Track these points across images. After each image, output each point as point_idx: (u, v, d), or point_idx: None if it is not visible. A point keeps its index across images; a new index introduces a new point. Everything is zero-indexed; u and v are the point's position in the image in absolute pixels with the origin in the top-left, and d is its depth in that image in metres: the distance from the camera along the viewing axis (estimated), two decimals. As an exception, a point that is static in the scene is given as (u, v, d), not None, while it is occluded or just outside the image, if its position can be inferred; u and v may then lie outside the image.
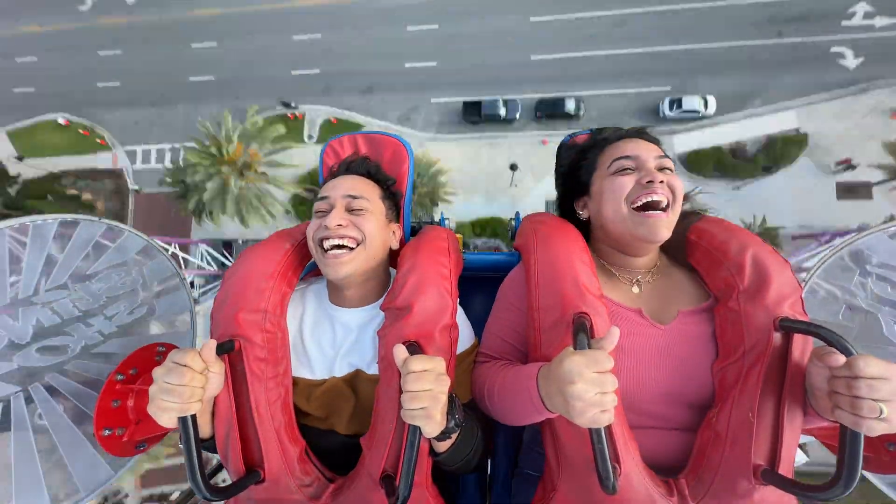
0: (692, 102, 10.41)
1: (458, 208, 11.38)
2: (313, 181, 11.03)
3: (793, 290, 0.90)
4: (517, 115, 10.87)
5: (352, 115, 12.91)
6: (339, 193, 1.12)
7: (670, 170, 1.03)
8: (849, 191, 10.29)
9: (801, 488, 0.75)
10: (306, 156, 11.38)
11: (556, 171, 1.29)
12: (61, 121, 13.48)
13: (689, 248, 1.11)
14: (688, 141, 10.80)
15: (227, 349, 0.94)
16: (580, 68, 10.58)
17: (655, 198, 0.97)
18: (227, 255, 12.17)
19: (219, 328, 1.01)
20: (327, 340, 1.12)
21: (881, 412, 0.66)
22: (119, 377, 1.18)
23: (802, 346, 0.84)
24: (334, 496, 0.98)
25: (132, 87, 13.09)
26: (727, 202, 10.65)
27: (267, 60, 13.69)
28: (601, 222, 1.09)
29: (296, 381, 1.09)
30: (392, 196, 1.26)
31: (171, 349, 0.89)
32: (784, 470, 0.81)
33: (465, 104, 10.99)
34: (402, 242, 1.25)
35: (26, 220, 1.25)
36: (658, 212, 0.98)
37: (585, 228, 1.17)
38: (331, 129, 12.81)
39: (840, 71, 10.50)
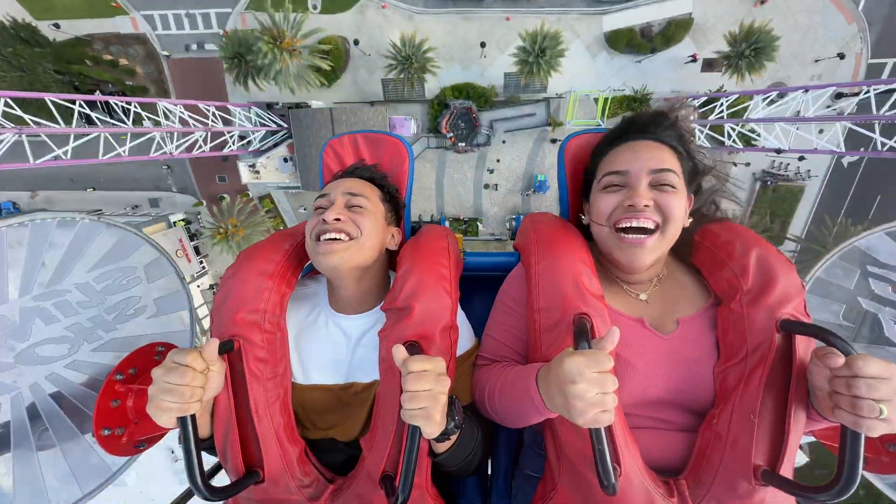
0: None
1: (440, 76, 13.67)
2: (322, 46, 13.17)
3: (797, 291, 0.90)
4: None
5: (350, -11, 13.46)
6: (340, 191, 1.13)
7: (670, 185, 0.94)
8: (709, 65, 13.73)
9: (802, 489, 0.74)
10: (313, 25, 13.11)
11: (559, 175, 1.27)
12: None
13: (692, 247, 1.10)
14: (614, 21, 13.32)
15: (227, 349, 0.94)
16: None
17: (635, 224, 0.93)
18: (270, 114, 14.37)
19: (218, 328, 1.01)
20: (324, 346, 1.12)
21: (881, 412, 0.66)
22: (118, 377, 1.18)
23: (805, 348, 0.84)
24: (334, 497, 0.98)
25: None
26: (629, 73, 13.67)
27: None
28: (594, 235, 1.07)
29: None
30: (393, 200, 1.26)
31: (170, 349, 0.89)
32: (784, 471, 0.81)
33: None
34: (402, 244, 1.25)
35: (25, 219, 1.25)
36: (640, 236, 0.93)
37: (588, 233, 1.16)
38: (332, 1, 13.67)
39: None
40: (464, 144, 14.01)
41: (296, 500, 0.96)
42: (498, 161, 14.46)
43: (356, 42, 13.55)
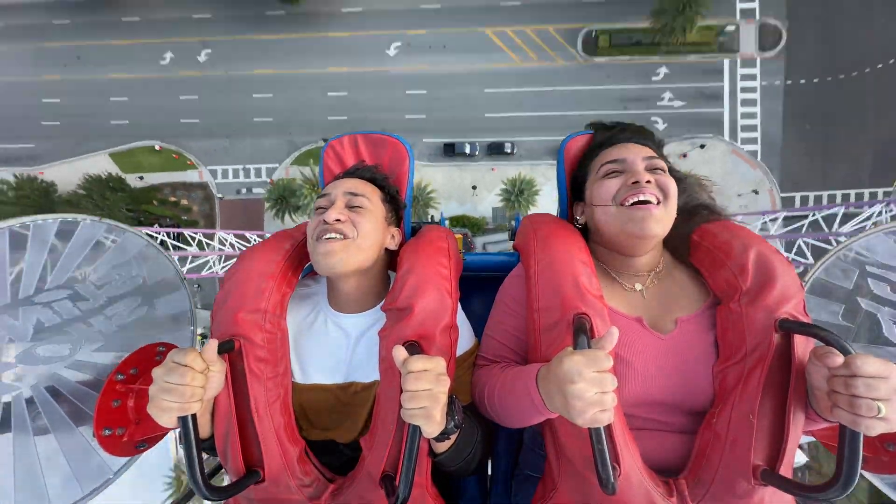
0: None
1: (441, 210, 17.83)
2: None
3: (796, 291, 0.90)
4: (476, 152, 17.75)
5: (371, 148, 19.35)
6: (340, 191, 1.13)
7: (662, 170, 1.02)
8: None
9: (801, 488, 0.75)
10: None
11: (558, 176, 1.29)
12: (156, 146, 17.94)
13: (690, 247, 1.10)
14: None
15: (227, 349, 0.94)
16: (514, 123, 17.68)
17: (643, 198, 0.96)
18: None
19: (219, 328, 1.01)
20: (323, 346, 1.12)
21: (879, 411, 0.66)
22: (119, 377, 1.18)
23: (804, 347, 0.84)
24: (334, 496, 0.98)
25: (208, 123, 18.02)
26: None
27: (309, 108, 18.62)
28: (595, 226, 1.09)
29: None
30: (394, 201, 1.26)
31: (171, 349, 0.89)
32: (783, 470, 0.81)
33: (445, 144, 17.74)
34: (402, 245, 1.25)
35: (27, 220, 1.25)
36: (647, 204, 0.96)
37: (585, 234, 1.17)
38: None
39: (656, 132, 19.54)
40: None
41: (296, 500, 0.96)
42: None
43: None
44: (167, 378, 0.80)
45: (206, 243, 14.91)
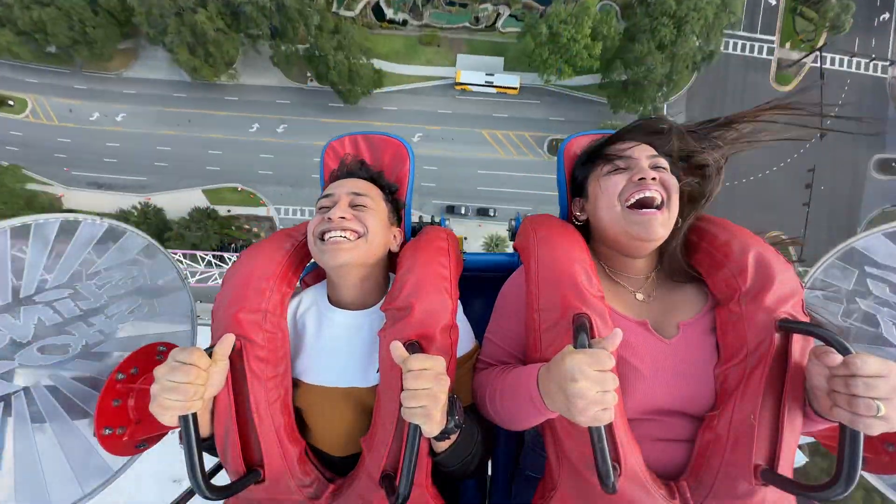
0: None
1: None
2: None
3: (794, 290, 0.90)
4: (469, 213, 24.40)
5: (395, 204, 25.56)
6: (344, 191, 1.13)
7: (664, 168, 1.02)
8: None
9: (801, 488, 0.75)
10: None
11: (558, 176, 1.29)
12: (238, 188, 24.58)
13: (689, 248, 1.10)
14: None
15: None
16: (497, 195, 24.56)
17: (648, 194, 0.97)
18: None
19: (219, 328, 1.01)
20: (322, 345, 1.12)
21: (879, 410, 0.66)
22: (120, 376, 1.18)
23: (802, 347, 0.84)
24: (334, 496, 0.98)
25: (278, 175, 24.52)
26: None
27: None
28: (597, 223, 1.09)
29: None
30: (394, 201, 1.27)
31: (171, 349, 0.90)
32: (784, 470, 0.81)
33: (447, 206, 24.58)
34: (403, 246, 1.25)
35: (28, 219, 1.25)
36: (652, 209, 0.97)
37: (585, 232, 1.17)
38: None
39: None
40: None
41: (296, 500, 0.96)
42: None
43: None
44: (169, 377, 0.80)
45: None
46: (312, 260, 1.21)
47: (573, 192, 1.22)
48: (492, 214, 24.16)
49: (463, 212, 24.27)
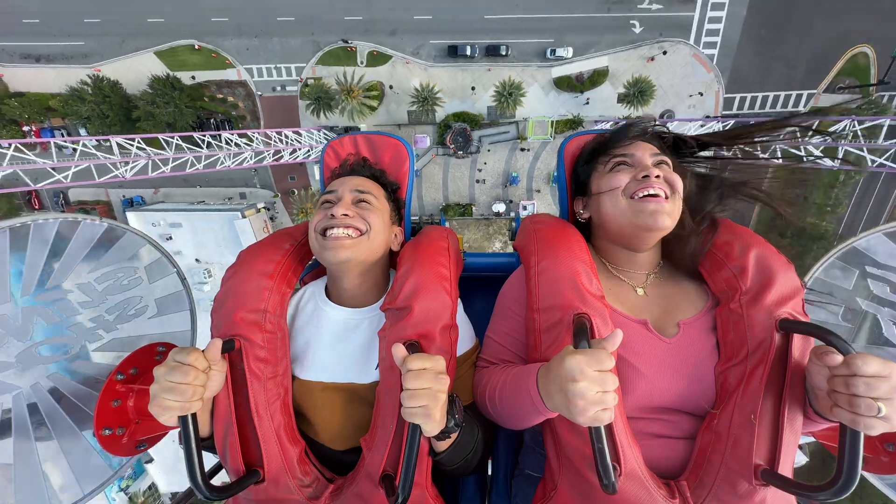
0: (561, 51, 20.04)
1: (445, 107, 21.03)
2: (371, 93, 20.31)
3: (795, 290, 0.90)
4: (476, 54, 19.99)
5: (385, 49, 20.68)
6: (347, 188, 1.13)
7: (668, 165, 1.02)
8: (620, 100, 20.64)
9: (802, 488, 0.74)
10: (359, 72, 20.27)
11: (559, 175, 1.29)
12: (195, 45, 20.25)
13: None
14: (559, 71, 20.49)
15: (227, 348, 0.94)
16: (509, 25, 19.80)
17: (652, 191, 0.97)
18: (330, 133, 21.35)
19: (219, 328, 1.01)
20: (322, 344, 1.12)
21: (879, 410, 0.66)
22: (119, 377, 1.18)
23: (802, 347, 0.84)
24: (334, 496, 0.97)
25: (237, 22, 19.85)
26: (570, 105, 20.89)
27: (328, 9, 20.54)
28: (601, 220, 1.09)
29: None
30: (396, 200, 1.27)
31: (171, 349, 0.90)
32: (784, 470, 0.81)
33: (449, 46, 20.26)
34: (403, 245, 1.25)
35: (28, 219, 1.25)
36: (657, 198, 0.97)
37: (586, 230, 1.17)
38: (373, 59, 20.69)
39: (632, 34, 19.98)
40: (461, 152, 21.64)
41: (296, 500, 0.96)
42: (485, 163, 22.00)
43: (391, 87, 20.87)
44: (169, 377, 0.80)
45: (260, 138, 18.05)
46: (312, 260, 1.21)
47: (575, 190, 1.22)
48: (504, 53, 19.42)
49: (468, 52, 19.41)
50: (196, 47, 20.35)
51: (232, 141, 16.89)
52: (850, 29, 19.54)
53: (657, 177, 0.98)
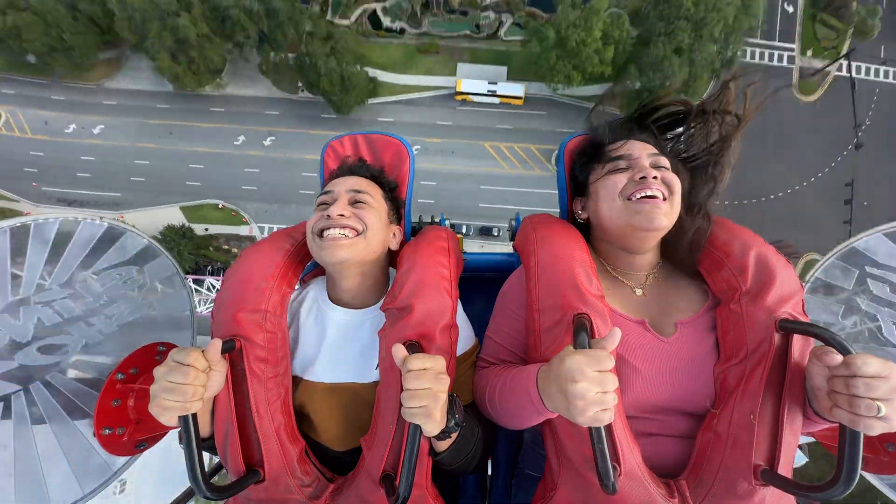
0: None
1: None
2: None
3: (795, 290, 0.90)
4: (471, 233, 22.45)
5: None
6: (344, 188, 1.13)
7: (665, 167, 1.02)
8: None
9: (801, 488, 0.75)
10: None
11: (558, 175, 1.29)
12: (219, 205, 22.81)
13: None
14: None
15: (228, 348, 0.94)
16: (500, 213, 22.54)
17: (650, 192, 0.97)
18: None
19: (219, 328, 1.01)
20: (322, 344, 1.12)
21: (879, 410, 0.66)
22: (119, 377, 1.18)
23: (801, 347, 0.84)
24: (334, 496, 0.97)
25: (263, 191, 22.81)
26: None
27: None
28: (599, 221, 1.09)
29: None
30: (394, 199, 1.27)
31: (171, 349, 0.90)
32: (784, 470, 0.81)
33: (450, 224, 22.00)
34: (403, 245, 1.25)
35: (28, 219, 1.25)
36: (655, 199, 0.97)
37: (585, 231, 1.17)
38: None
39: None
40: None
41: (296, 500, 0.96)
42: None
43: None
44: (169, 377, 0.80)
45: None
46: (312, 260, 1.21)
47: (574, 191, 1.22)
48: (496, 234, 22.33)
49: (464, 231, 21.92)
50: (220, 206, 22.98)
51: (214, 287, 17.64)
52: None
53: (654, 178, 0.97)
